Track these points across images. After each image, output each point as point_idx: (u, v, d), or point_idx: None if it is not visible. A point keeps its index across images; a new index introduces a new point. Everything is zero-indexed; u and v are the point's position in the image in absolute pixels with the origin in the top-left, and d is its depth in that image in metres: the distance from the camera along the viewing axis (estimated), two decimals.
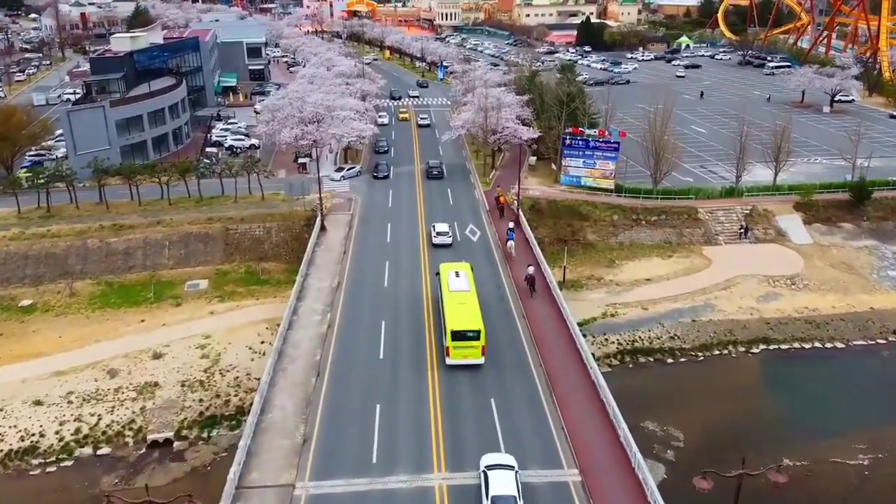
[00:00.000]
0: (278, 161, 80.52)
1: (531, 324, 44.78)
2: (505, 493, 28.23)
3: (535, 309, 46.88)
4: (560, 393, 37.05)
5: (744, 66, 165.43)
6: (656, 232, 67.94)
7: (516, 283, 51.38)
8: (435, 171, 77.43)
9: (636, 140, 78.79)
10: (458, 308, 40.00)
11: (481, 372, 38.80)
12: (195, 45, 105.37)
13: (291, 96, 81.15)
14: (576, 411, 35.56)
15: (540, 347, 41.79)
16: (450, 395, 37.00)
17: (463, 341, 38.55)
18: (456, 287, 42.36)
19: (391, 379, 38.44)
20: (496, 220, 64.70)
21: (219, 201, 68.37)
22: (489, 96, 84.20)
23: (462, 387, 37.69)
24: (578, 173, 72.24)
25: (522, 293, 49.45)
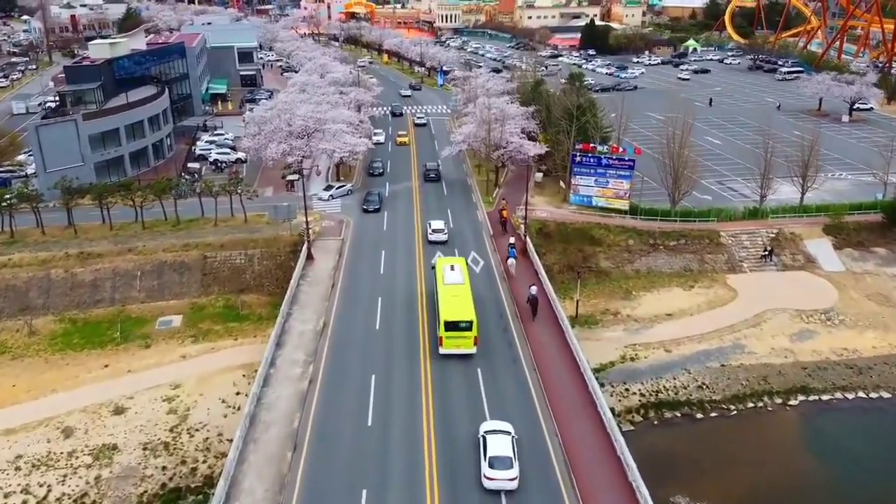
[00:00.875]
0: (265, 177, 74.82)
1: (540, 371, 39.65)
2: (502, 454, 30.40)
3: (543, 352, 41.51)
4: (577, 463, 31.71)
5: (754, 70, 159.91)
6: (676, 258, 62.24)
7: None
8: (432, 174, 75.89)
9: (648, 152, 73.08)
10: (453, 300, 41.27)
11: None
12: (181, 50, 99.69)
13: (280, 108, 75.40)
14: (593, 481, 30.66)
15: (550, 397, 36.69)
16: (447, 467, 31.45)
17: (456, 331, 39.71)
18: (451, 280, 43.75)
19: (381, 455, 32.73)
20: (498, 235, 59.50)
21: (197, 224, 62.65)
22: (492, 107, 78.79)
23: (462, 453, 32.21)
24: (589, 193, 66.56)
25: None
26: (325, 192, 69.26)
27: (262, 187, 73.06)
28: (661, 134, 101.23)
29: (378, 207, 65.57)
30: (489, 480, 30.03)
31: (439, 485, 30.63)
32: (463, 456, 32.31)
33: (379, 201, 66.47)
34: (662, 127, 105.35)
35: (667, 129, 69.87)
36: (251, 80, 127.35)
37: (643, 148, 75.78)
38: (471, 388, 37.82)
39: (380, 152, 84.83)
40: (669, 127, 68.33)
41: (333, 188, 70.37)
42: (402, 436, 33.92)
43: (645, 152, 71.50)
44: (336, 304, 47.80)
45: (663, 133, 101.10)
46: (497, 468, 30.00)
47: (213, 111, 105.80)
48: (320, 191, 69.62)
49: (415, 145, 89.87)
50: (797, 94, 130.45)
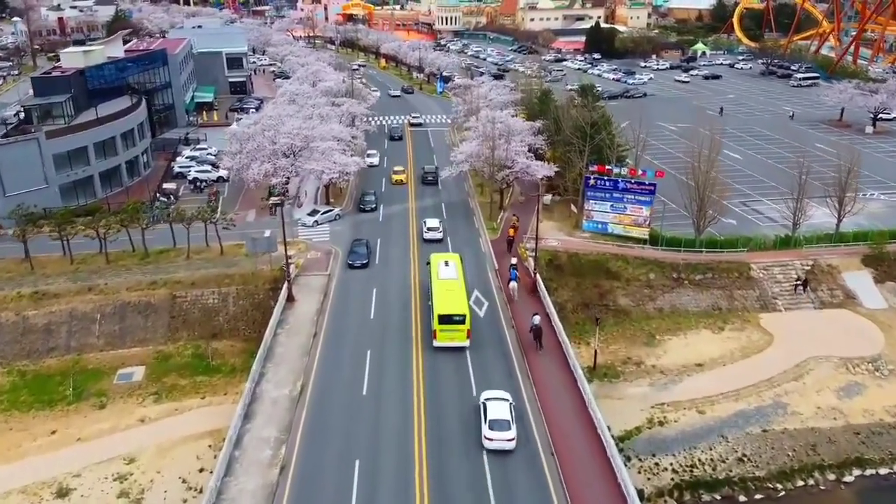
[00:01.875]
0: (247, 199, 68.31)
1: (553, 438, 34.04)
2: (500, 417, 33.24)
3: (555, 415, 35.66)
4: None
5: (767, 76, 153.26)
6: (702, 295, 55.75)
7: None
8: (430, 177, 74.88)
9: (661, 166, 66.44)
10: (446, 294, 42.48)
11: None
12: (162, 57, 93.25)
13: (265, 123, 68.89)
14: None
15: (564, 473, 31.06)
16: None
17: (449, 325, 40.83)
18: (445, 275, 44.90)
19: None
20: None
21: (168, 257, 56.18)
22: (496, 120, 72.36)
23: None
24: (604, 219, 60.09)
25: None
26: (310, 217, 62.79)
27: (243, 210, 66.69)
28: (675, 147, 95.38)
29: (366, 262, 53.97)
30: (489, 441, 32.96)
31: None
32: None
33: (367, 253, 55.04)
34: (677, 139, 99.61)
35: (691, 148, 63.08)
36: (241, 87, 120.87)
37: (657, 162, 69.30)
38: (476, 481, 31.39)
39: (373, 180, 75.71)
40: (692, 142, 61.46)
41: (319, 213, 63.81)
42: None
43: (658, 166, 65.06)
44: (317, 360, 41.30)
45: (678, 146, 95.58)
46: (496, 430, 32.96)
47: (197, 122, 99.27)
48: (304, 216, 63.13)
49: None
50: (814, 101, 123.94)
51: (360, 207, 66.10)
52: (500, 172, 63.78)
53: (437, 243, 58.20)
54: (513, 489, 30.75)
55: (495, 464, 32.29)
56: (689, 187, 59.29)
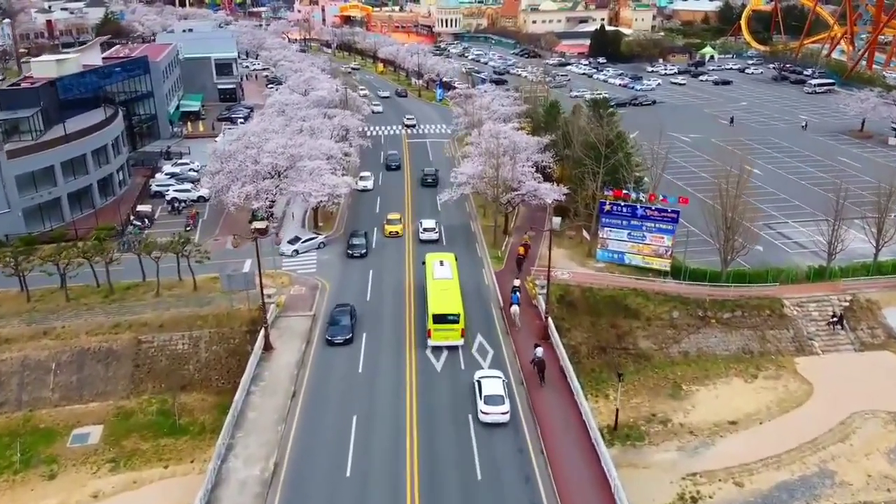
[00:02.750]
0: (228, 223, 62.53)
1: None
2: (495, 392, 35.81)
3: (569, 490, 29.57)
4: None
5: (779, 81, 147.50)
6: (731, 336, 50.06)
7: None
8: (430, 179, 74.29)
9: (676, 183, 60.67)
10: (441, 294, 43.03)
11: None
12: (144, 65, 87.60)
13: (247, 139, 63.13)
14: None
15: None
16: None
17: (444, 324, 41.22)
18: (440, 275, 45.53)
19: None
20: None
21: (135, 293, 50.45)
22: (500, 136, 66.74)
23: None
24: (621, 248, 54.36)
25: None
26: (289, 245, 56.85)
27: (224, 235, 60.99)
28: (691, 160, 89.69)
29: (350, 337, 43.57)
30: (485, 415, 35.17)
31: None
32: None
33: (350, 325, 44.26)
34: (691, 151, 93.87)
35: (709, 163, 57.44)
36: (230, 94, 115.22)
37: (671, 178, 63.35)
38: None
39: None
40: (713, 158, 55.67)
41: (300, 241, 57.77)
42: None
43: (673, 183, 59.27)
44: (294, 429, 35.55)
45: (694, 159, 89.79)
46: (490, 405, 35.22)
47: (182, 133, 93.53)
48: (284, 243, 57.33)
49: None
50: (831, 109, 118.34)
51: (348, 252, 55.96)
52: (506, 195, 58.05)
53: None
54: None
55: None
56: (713, 212, 53.56)
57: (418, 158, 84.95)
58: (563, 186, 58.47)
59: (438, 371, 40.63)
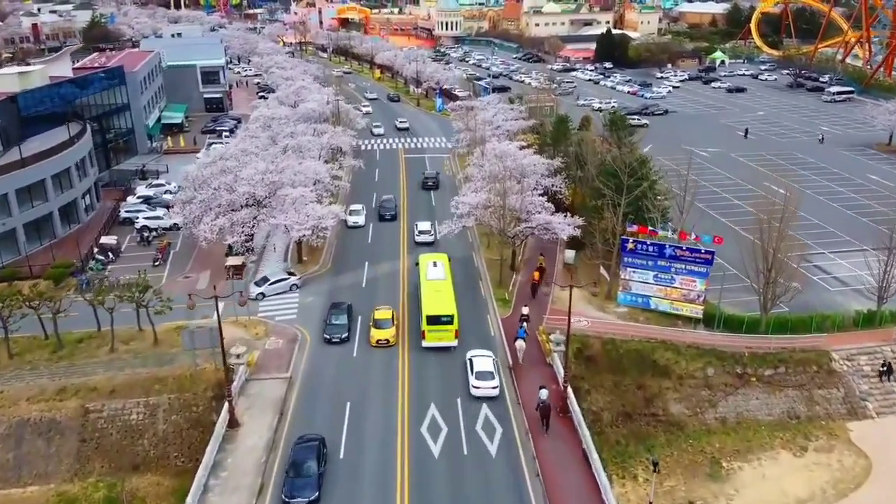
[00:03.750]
0: (201, 258, 55.84)
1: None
2: (485, 370, 38.54)
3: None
4: None
5: (794, 89, 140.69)
6: (775, 398, 43.44)
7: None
8: (430, 182, 73.19)
9: (697, 206, 53.68)
10: (435, 295, 43.27)
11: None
12: (119, 76, 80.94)
13: (224, 163, 56.44)
14: None
15: None
16: None
17: (438, 325, 41.72)
18: (433, 276, 45.53)
19: None
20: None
21: (87, 347, 43.80)
22: (505, 157, 60.30)
23: None
24: (646, 292, 47.67)
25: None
26: (256, 287, 49.72)
27: (196, 271, 54.38)
28: (711, 178, 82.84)
29: (316, 497, 31.02)
30: (476, 389, 37.98)
31: None
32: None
33: (315, 483, 31.32)
34: (710, 168, 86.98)
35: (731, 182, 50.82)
36: (217, 104, 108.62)
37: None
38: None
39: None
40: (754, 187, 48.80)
41: (267, 282, 50.41)
42: None
43: (694, 206, 52.23)
44: None
45: (715, 178, 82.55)
46: (481, 380, 38.08)
47: (161, 148, 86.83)
48: (251, 284, 50.42)
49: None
50: (853, 120, 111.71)
51: (325, 337, 43.65)
52: (514, 228, 51.35)
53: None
54: None
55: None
56: (750, 249, 46.84)
57: (414, 175, 78.10)
58: (577, 217, 51.68)
59: (436, 457, 34.00)
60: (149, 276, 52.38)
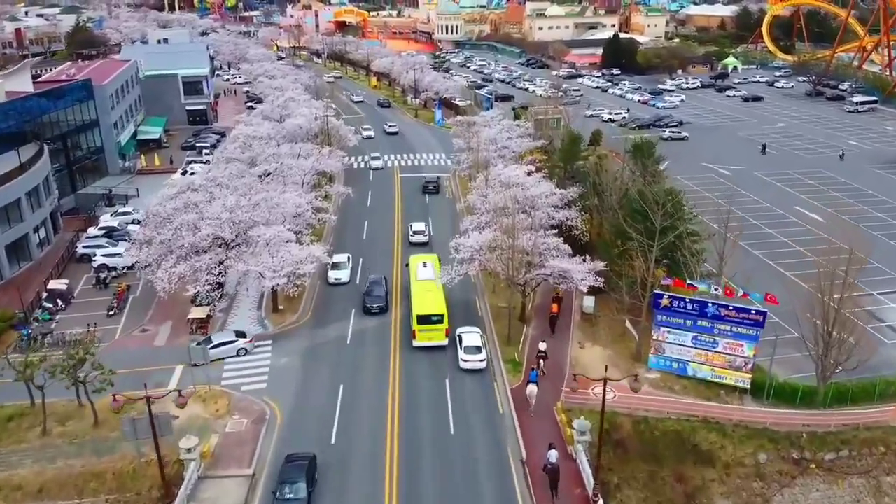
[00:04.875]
0: (163, 307, 48.42)
1: None
2: (472, 344, 40.97)
3: None
4: None
5: (813, 97, 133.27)
6: (838, 489, 36.23)
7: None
8: (431, 186, 72.00)
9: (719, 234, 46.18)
10: (425, 295, 43.91)
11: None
12: (86, 90, 73.67)
13: (188, 197, 49.07)
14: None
15: None
16: None
17: (428, 324, 42.09)
18: (423, 276, 46.33)
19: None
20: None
21: (17, 428, 36.39)
22: (510, 183, 53.24)
23: None
24: (683, 356, 40.28)
25: None
26: (197, 347, 41.19)
27: (155, 323, 47.07)
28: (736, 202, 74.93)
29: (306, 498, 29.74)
30: (465, 362, 40.34)
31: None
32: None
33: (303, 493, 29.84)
34: (733, 188, 79.27)
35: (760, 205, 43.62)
36: (201, 116, 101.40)
37: (708, 219, 48.47)
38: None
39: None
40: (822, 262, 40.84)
41: (214, 342, 42.44)
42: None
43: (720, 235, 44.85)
44: None
45: (739, 201, 73.95)
46: (469, 354, 40.39)
47: (134, 167, 79.49)
48: (191, 345, 42.41)
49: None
50: (879, 132, 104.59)
51: (280, 485, 30.54)
52: (524, 274, 43.95)
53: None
54: None
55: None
56: (791, 290, 39.49)
57: (412, 204, 70.48)
58: (597, 262, 44.27)
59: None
60: (101, 329, 45.85)
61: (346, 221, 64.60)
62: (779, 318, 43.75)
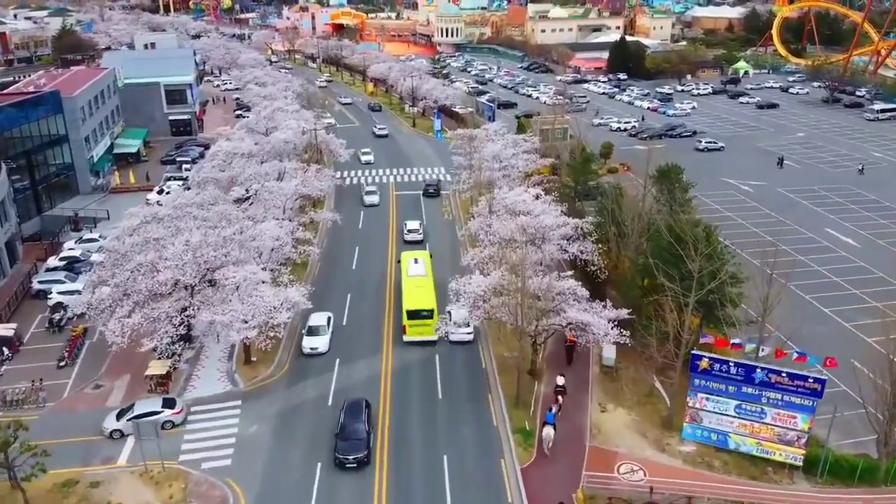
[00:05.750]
0: (120, 357, 42.07)
1: None
2: (461, 319, 42.73)
3: None
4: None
5: (831, 104, 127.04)
6: None
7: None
8: (431, 189, 71.29)
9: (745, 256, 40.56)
10: (415, 290, 44.76)
11: None
12: (53, 103, 67.60)
13: (149, 231, 42.90)
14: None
15: None
16: None
17: (418, 320, 42.89)
18: (414, 272, 46.87)
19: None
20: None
21: None
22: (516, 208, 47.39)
23: None
24: (724, 426, 34.06)
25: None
26: (114, 420, 35.61)
27: (111, 377, 40.94)
28: (760, 224, 69.08)
29: None
30: (453, 334, 42.74)
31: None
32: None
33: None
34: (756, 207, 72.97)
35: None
36: (185, 126, 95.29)
37: (740, 252, 42.11)
38: None
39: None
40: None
41: (136, 411, 35.83)
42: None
43: (749, 262, 38.45)
44: None
45: (763, 223, 68.15)
46: (457, 327, 42.73)
47: (108, 185, 73.35)
48: (109, 416, 36.20)
49: None
50: None
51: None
52: (537, 322, 37.73)
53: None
54: None
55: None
56: (836, 335, 33.39)
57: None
58: (621, 309, 38.09)
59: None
60: (49, 384, 39.83)
61: (333, 252, 58.06)
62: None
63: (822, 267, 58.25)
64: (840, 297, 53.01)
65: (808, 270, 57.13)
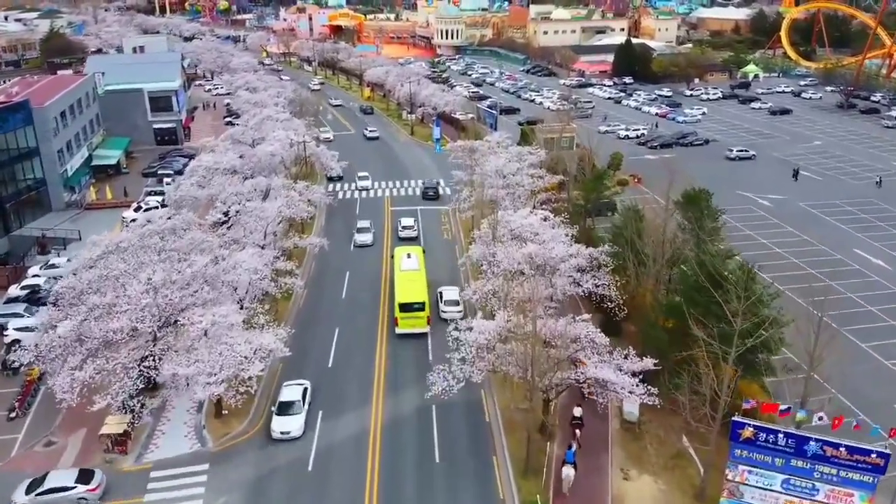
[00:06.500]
0: (75, 412, 37.02)
1: None
2: (452, 298, 46.16)
3: None
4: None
5: (845, 109, 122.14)
6: None
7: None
8: (431, 192, 70.59)
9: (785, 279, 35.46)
10: (407, 284, 45.35)
11: None
12: (24, 114, 62.75)
13: (109, 262, 38.01)
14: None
15: None
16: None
17: (410, 312, 43.71)
18: (406, 267, 47.55)
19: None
20: None
21: None
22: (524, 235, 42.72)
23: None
24: (769, 503, 29.17)
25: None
26: (22, 495, 30.69)
27: (64, 433, 36.12)
28: (782, 242, 64.41)
29: None
30: (444, 313, 45.20)
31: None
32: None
33: None
34: (777, 224, 67.90)
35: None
36: (170, 135, 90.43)
37: (764, 275, 37.07)
38: None
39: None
40: None
41: (46, 486, 31.05)
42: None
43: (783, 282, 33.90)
44: None
45: (785, 241, 63.18)
46: (448, 306, 45.66)
47: (82, 201, 68.47)
48: (18, 489, 31.29)
49: None
50: None
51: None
52: (550, 376, 32.75)
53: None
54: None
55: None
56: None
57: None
58: (646, 360, 33.09)
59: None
60: None
61: (321, 279, 53.07)
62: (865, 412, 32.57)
63: (854, 294, 53.29)
64: (878, 329, 48.20)
65: (839, 298, 52.18)
